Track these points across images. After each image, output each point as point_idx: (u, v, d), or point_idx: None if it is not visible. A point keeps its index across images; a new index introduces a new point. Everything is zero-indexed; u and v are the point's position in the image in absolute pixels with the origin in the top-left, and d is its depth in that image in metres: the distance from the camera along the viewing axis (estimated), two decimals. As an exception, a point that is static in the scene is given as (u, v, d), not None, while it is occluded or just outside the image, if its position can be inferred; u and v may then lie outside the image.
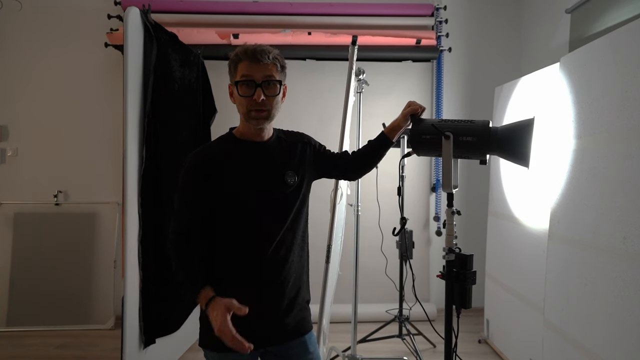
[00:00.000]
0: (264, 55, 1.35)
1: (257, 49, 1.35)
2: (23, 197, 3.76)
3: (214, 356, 1.46)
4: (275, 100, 1.39)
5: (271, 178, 1.44)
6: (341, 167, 1.66)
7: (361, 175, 1.72)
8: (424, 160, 3.96)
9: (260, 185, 1.43)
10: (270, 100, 1.38)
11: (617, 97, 1.94)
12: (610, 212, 1.93)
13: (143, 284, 2.42)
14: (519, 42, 4.07)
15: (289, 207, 1.46)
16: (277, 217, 1.44)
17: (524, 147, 1.48)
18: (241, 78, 1.37)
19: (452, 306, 1.57)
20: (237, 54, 1.38)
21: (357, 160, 1.66)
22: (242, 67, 1.37)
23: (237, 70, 1.38)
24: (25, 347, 3.27)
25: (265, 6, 3.82)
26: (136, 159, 2.38)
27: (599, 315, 1.97)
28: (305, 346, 1.50)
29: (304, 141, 1.57)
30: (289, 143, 1.52)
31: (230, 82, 1.44)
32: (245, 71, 1.36)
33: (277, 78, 1.39)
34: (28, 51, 3.80)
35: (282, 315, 1.46)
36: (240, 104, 1.40)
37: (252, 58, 1.35)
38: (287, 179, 1.45)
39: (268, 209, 1.43)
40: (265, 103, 1.37)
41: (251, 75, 1.35)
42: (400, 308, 3.30)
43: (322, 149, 1.61)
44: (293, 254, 1.47)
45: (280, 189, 1.44)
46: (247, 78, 1.36)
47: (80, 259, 3.74)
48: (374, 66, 3.75)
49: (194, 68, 3.04)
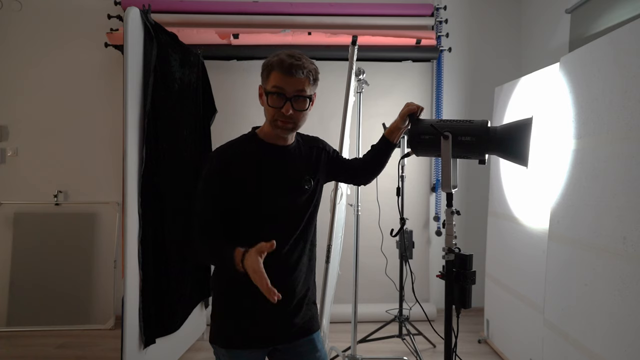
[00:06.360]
0: (299, 70, 1.34)
1: (294, 64, 1.34)
2: (23, 197, 3.76)
3: (224, 353, 1.46)
4: (303, 114, 1.40)
5: (290, 183, 1.46)
6: (351, 173, 1.71)
7: (370, 181, 1.75)
8: (424, 160, 3.96)
9: (280, 189, 1.44)
10: (297, 114, 1.38)
11: (617, 97, 1.94)
12: (610, 212, 1.93)
13: (143, 284, 2.42)
14: (519, 42, 4.07)
15: (304, 211, 1.49)
16: (292, 221, 1.47)
17: (523, 146, 1.48)
18: (272, 89, 1.36)
19: (452, 306, 1.57)
20: (272, 63, 1.37)
21: (364, 167, 1.70)
22: (274, 76, 1.36)
23: (269, 78, 1.37)
24: (25, 347, 3.27)
25: (265, 6, 3.82)
26: (136, 159, 2.38)
27: (599, 315, 1.96)
28: (314, 344, 1.53)
29: (319, 146, 1.60)
30: (306, 148, 1.55)
31: (261, 84, 1.43)
32: (278, 82, 1.35)
33: (307, 93, 1.38)
34: (28, 51, 3.80)
35: (292, 315, 1.48)
36: (268, 111, 1.40)
37: (287, 71, 1.34)
38: (304, 184, 1.48)
39: (284, 213, 1.45)
40: (292, 116, 1.37)
41: (283, 88, 1.35)
42: (400, 308, 3.30)
43: (335, 154, 1.65)
44: (304, 255, 1.51)
45: (297, 194, 1.47)
46: (278, 90, 1.35)
47: (80, 259, 3.74)
48: (374, 66, 3.75)
49: (194, 68, 3.04)
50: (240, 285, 1.38)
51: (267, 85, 1.38)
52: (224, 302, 1.48)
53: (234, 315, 1.45)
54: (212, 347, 1.49)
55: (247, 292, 1.34)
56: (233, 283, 1.42)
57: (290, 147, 1.49)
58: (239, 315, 1.45)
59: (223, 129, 3.60)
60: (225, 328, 1.46)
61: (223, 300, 1.48)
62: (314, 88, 1.43)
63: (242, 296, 1.40)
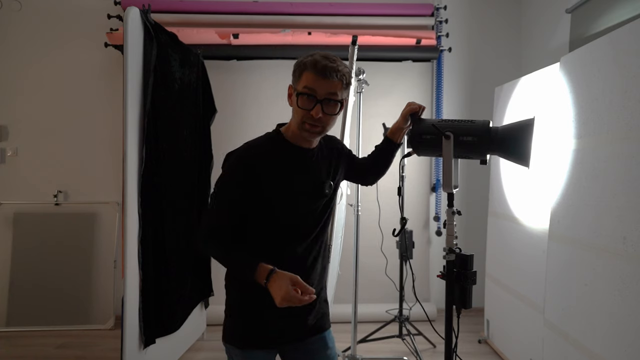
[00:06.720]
0: (333, 72, 1.31)
1: (328, 66, 1.30)
2: (23, 197, 3.76)
3: (238, 353, 1.45)
4: (332, 118, 1.37)
5: (313, 187, 1.46)
6: (361, 173, 1.72)
7: (376, 181, 1.76)
8: (424, 160, 3.96)
9: (303, 193, 1.44)
10: (327, 118, 1.35)
11: (617, 97, 1.94)
12: (610, 212, 1.93)
13: (143, 284, 2.42)
14: (519, 42, 4.07)
15: (322, 214, 1.50)
16: (311, 223, 1.46)
17: (525, 147, 1.48)
18: (303, 90, 1.33)
19: (452, 306, 1.57)
20: (305, 63, 1.33)
21: (370, 167, 1.71)
22: (306, 77, 1.33)
23: (301, 78, 1.34)
24: (25, 347, 3.27)
25: (265, 6, 3.81)
26: (136, 159, 2.38)
27: (599, 315, 1.96)
28: (325, 342, 1.54)
29: (338, 147, 1.60)
30: (327, 149, 1.54)
31: (291, 84, 1.40)
32: (309, 83, 1.32)
33: (339, 97, 1.35)
34: (28, 51, 3.80)
35: (306, 314, 1.48)
36: (297, 113, 1.37)
37: (320, 73, 1.31)
38: (325, 189, 1.47)
39: (305, 215, 1.45)
40: (321, 120, 1.34)
41: (315, 89, 1.32)
42: (400, 308, 3.30)
43: (350, 155, 1.66)
44: (319, 257, 1.51)
45: (318, 198, 1.47)
46: (309, 91, 1.32)
47: (80, 259, 3.74)
48: (374, 66, 3.74)
49: (194, 68, 3.04)
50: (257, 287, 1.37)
51: (298, 85, 1.35)
52: (240, 302, 1.46)
53: (250, 314, 1.44)
54: (225, 347, 1.48)
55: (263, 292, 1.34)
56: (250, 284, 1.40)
57: (314, 150, 1.47)
58: (255, 315, 1.44)
59: (223, 129, 3.60)
60: (240, 328, 1.45)
61: (238, 299, 1.47)
62: (346, 93, 1.39)
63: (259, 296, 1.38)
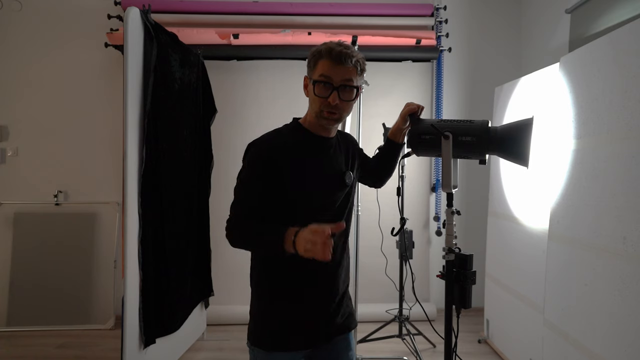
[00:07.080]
0: (348, 58, 1.32)
1: (342, 52, 1.32)
2: (23, 197, 3.76)
3: (263, 355, 1.42)
4: (349, 104, 1.37)
5: (335, 176, 1.45)
6: (370, 174, 1.71)
7: (384, 183, 1.75)
8: (424, 160, 3.96)
9: (326, 183, 1.43)
10: (344, 104, 1.36)
11: (617, 97, 1.94)
12: (610, 212, 1.93)
13: (143, 284, 2.42)
14: (519, 42, 4.07)
15: (344, 206, 1.49)
16: (335, 216, 1.45)
17: (524, 146, 1.48)
18: (319, 77, 1.34)
19: (452, 306, 1.57)
20: (320, 51, 1.34)
21: (377, 169, 1.71)
22: (322, 65, 1.34)
23: (316, 67, 1.35)
24: (25, 347, 3.27)
25: (265, 6, 3.81)
26: (136, 159, 2.38)
27: (599, 315, 1.96)
28: (348, 342, 1.54)
29: (354, 143, 1.60)
30: (344, 142, 1.55)
31: (307, 75, 1.41)
32: (325, 71, 1.33)
33: (355, 83, 1.36)
34: (28, 51, 3.80)
35: (334, 313, 1.47)
36: (314, 102, 1.37)
37: (336, 59, 1.32)
38: (346, 178, 1.46)
39: (329, 208, 1.44)
40: (338, 106, 1.35)
41: (330, 76, 1.33)
42: (400, 308, 3.30)
43: (362, 152, 1.66)
44: (345, 252, 1.51)
45: (340, 189, 1.46)
46: (325, 79, 1.33)
47: (80, 259, 3.74)
48: (374, 66, 3.74)
49: (194, 68, 3.04)
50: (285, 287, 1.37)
51: (314, 74, 1.36)
52: (268, 303, 1.44)
53: (278, 316, 1.42)
54: (250, 349, 1.45)
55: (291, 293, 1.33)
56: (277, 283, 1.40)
57: (333, 140, 1.47)
58: (283, 316, 1.41)
59: (223, 129, 3.60)
60: (268, 330, 1.42)
61: (267, 300, 1.44)
62: (361, 80, 1.40)
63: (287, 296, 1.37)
